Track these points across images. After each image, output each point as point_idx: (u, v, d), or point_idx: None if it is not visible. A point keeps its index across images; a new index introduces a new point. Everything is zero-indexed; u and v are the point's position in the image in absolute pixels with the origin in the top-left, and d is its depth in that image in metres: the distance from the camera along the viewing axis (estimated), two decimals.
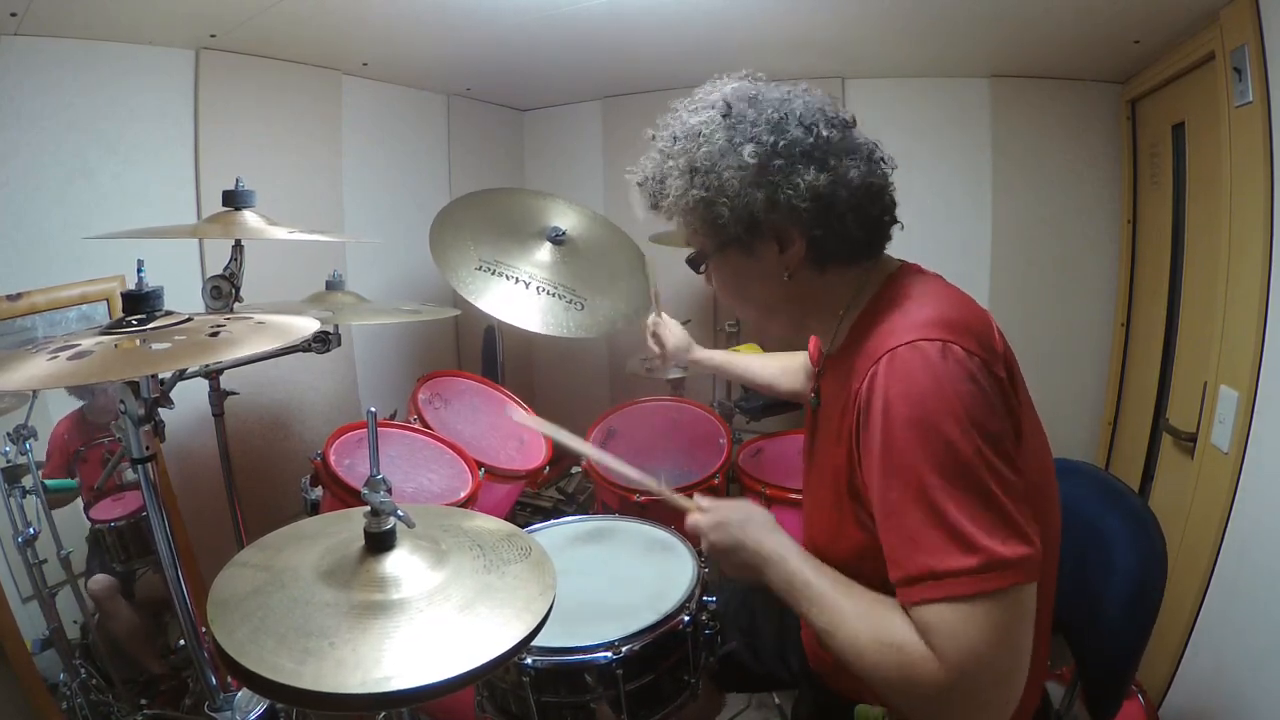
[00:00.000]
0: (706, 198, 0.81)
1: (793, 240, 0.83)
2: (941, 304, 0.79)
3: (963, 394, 0.69)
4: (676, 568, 1.18)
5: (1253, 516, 1.31)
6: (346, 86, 2.16)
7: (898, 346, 0.72)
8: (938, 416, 0.68)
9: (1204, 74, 1.59)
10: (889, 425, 0.71)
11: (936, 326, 0.73)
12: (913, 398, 0.70)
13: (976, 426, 0.68)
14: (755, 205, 0.79)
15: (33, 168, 1.49)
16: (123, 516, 1.61)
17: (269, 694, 0.67)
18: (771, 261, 0.85)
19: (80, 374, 0.74)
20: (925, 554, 0.68)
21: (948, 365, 0.70)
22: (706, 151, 0.81)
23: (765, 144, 0.79)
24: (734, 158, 0.79)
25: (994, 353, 0.74)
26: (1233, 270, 1.43)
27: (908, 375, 0.71)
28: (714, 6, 1.72)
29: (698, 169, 0.81)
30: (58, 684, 1.48)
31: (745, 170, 0.79)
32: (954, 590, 0.66)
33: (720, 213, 0.81)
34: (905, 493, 0.69)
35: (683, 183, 0.83)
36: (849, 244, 0.84)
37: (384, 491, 0.80)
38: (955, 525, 0.66)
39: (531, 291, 1.88)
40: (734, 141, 0.80)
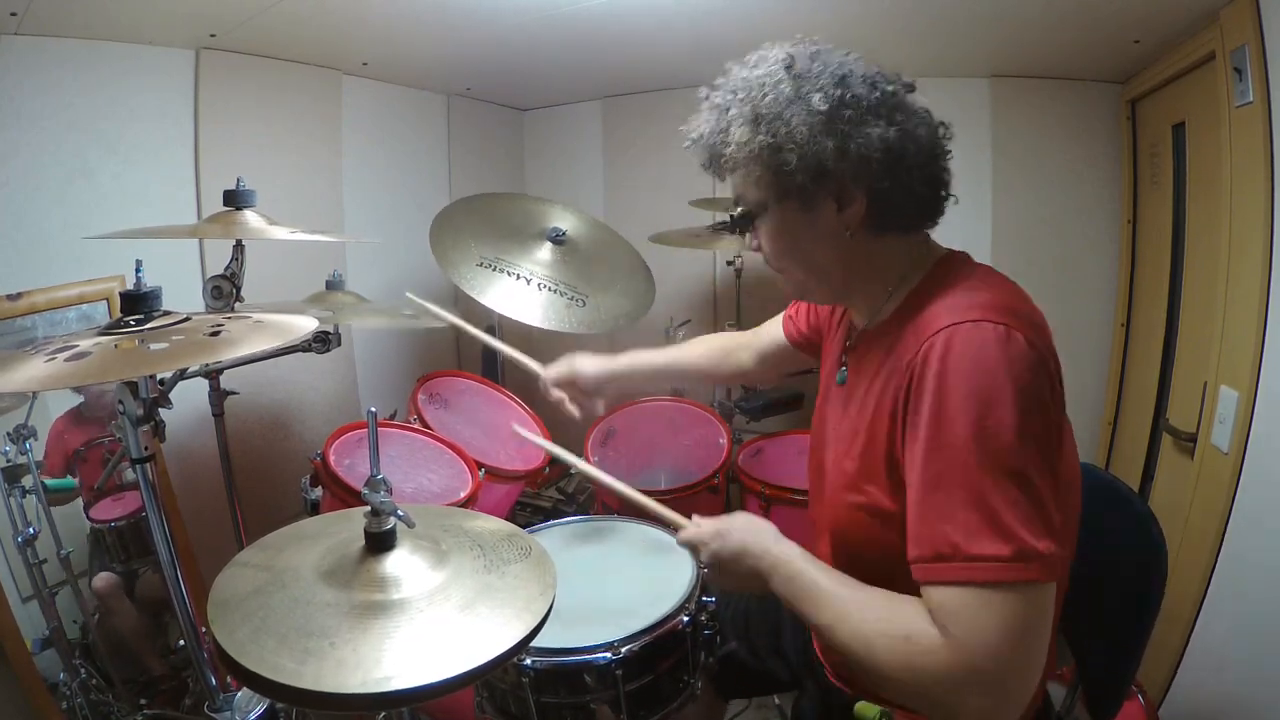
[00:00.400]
0: (774, 144, 0.78)
1: (853, 199, 0.80)
2: (1002, 291, 0.77)
3: (1022, 382, 0.68)
4: (676, 568, 1.18)
5: (1253, 516, 1.31)
6: (346, 86, 2.16)
7: (960, 323, 0.71)
8: (995, 399, 0.67)
9: (1204, 74, 1.59)
10: (943, 400, 0.69)
11: (1001, 310, 0.71)
12: (972, 376, 0.68)
13: (1029, 416, 0.67)
14: (825, 154, 0.77)
15: (33, 168, 1.49)
16: (123, 516, 1.61)
17: (269, 694, 0.67)
18: (829, 220, 0.82)
19: (79, 375, 0.74)
20: (957, 533, 0.66)
21: (1010, 351, 0.68)
22: (772, 99, 0.78)
23: (833, 95, 0.77)
24: (801, 106, 0.77)
25: (1050, 348, 0.73)
26: (1233, 270, 1.43)
27: (969, 353, 0.69)
28: (714, 6, 1.72)
29: (763, 116, 0.78)
30: (58, 684, 1.48)
31: (814, 118, 0.76)
32: (979, 575, 0.65)
33: (787, 159, 0.78)
34: (949, 469, 0.68)
35: (747, 131, 0.79)
36: (912, 204, 0.82)
37: (384, 491, 0.80)
38: (994, 510, 0.65)
39: (533, 288, 1.88)
40: (801, 91, 0.78)
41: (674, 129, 0.92)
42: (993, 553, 0.65)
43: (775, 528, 0.90)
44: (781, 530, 0.89)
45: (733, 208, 0.89)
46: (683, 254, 2.40)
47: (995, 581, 0.64)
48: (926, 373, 0.71)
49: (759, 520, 0.91)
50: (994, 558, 0.64)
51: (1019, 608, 0.64)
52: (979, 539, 0.65)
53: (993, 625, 0.64)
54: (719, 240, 2.15)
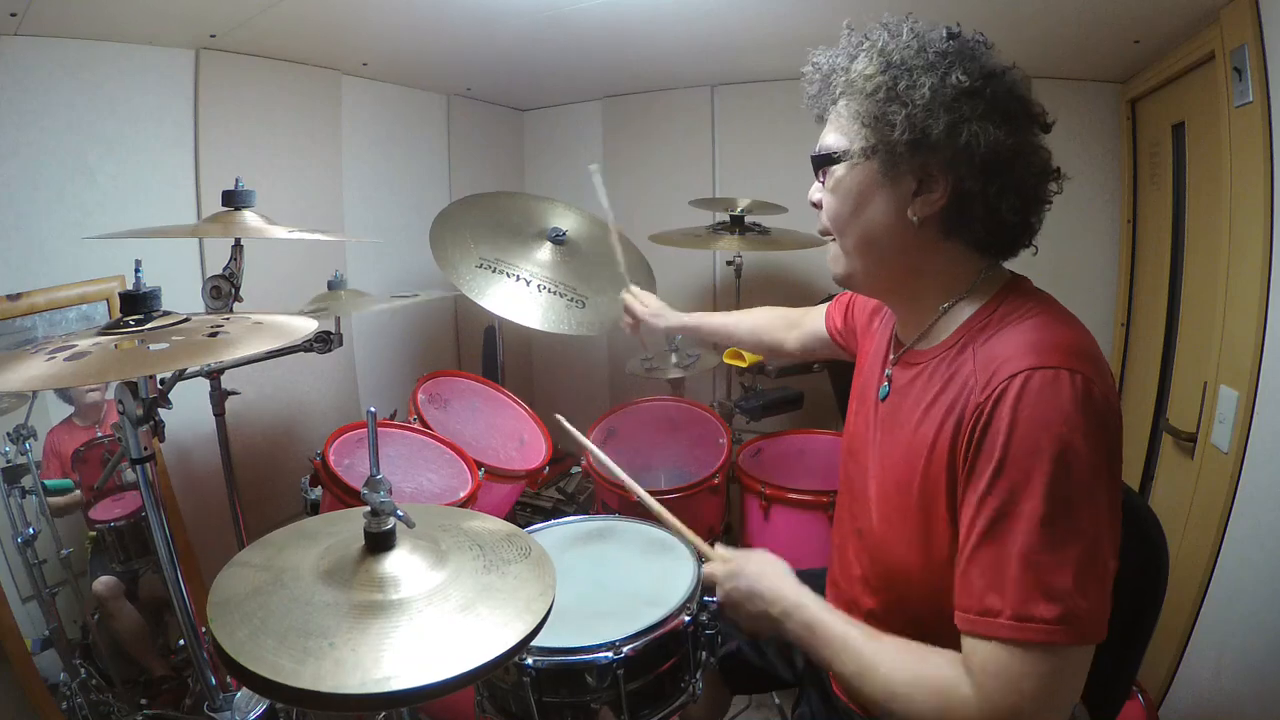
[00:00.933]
0: (891, 89, 0.74)
1: (935, 187, 0.77)
2: (1071, 330, 0.75)
3: (1095, 439, 0.66)
4: (676, 568, 1.18)
5: (1253, 516, 1.31)
6: (346, 86, 2.16)
7: (1036, 369, 0.68)
8: (1067, 461, 0.65)
9: (1204, 74, 1.59)
10: (1010, 449, 0.67)
11: (1074, 356, 0.69)
12: (1045, 428, 0.66)
13: (1098, 473, 0.66)
14: (934, 127, 0.73)
15: (33, 168, 1.49)
16: (123, 516, 1.61)
17: (269, 694, 0.67)
18: (904, 197, 0.78)
19: (79, 375, 0.74)
20: (1009, 590, 0.65)
21: (1086, 407, 0.66)
22: (914, 52, 0.75)
23: (974, 81, 0.74)
24: (937, 74, 0.74)
25: (1115, 394, 0.71)
26: (1233, 270, 1.43)
27: (1043, 404, 0.67)
28: (714, 6, 1.72)
29: (894, 63, 0.75)
30: (58, 684, 1.48)
31: (943, 90, 0.73)
32: (1025, 635, 0.64)
33: (894, 112, 0.74)
34: (1008, 521, 0.66)
35: (874, 67, 0.76)
36: (991, 223, 0.79)
37: (384, 491, 0.80)
38: (1049, 570, 0.64)
39: (533, 289, 1.88)
40: (946, 60, 0.74)
41: (674, 129, 0.92)
42: (1041, 614, 0.64)
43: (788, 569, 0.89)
44: (781, 532, 0.89)
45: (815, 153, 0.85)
46: (683, 254, 2.40)
47: (1039, 642, 0.64)
48: (997, 419, 0.68)
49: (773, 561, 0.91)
50: (1042, 619, 0.64)
51: (1057, 670, 0.64)
52: (1030, 599, 0.64)
53: (1029, 688, 0.64)
54: (719, 240, 2.15)
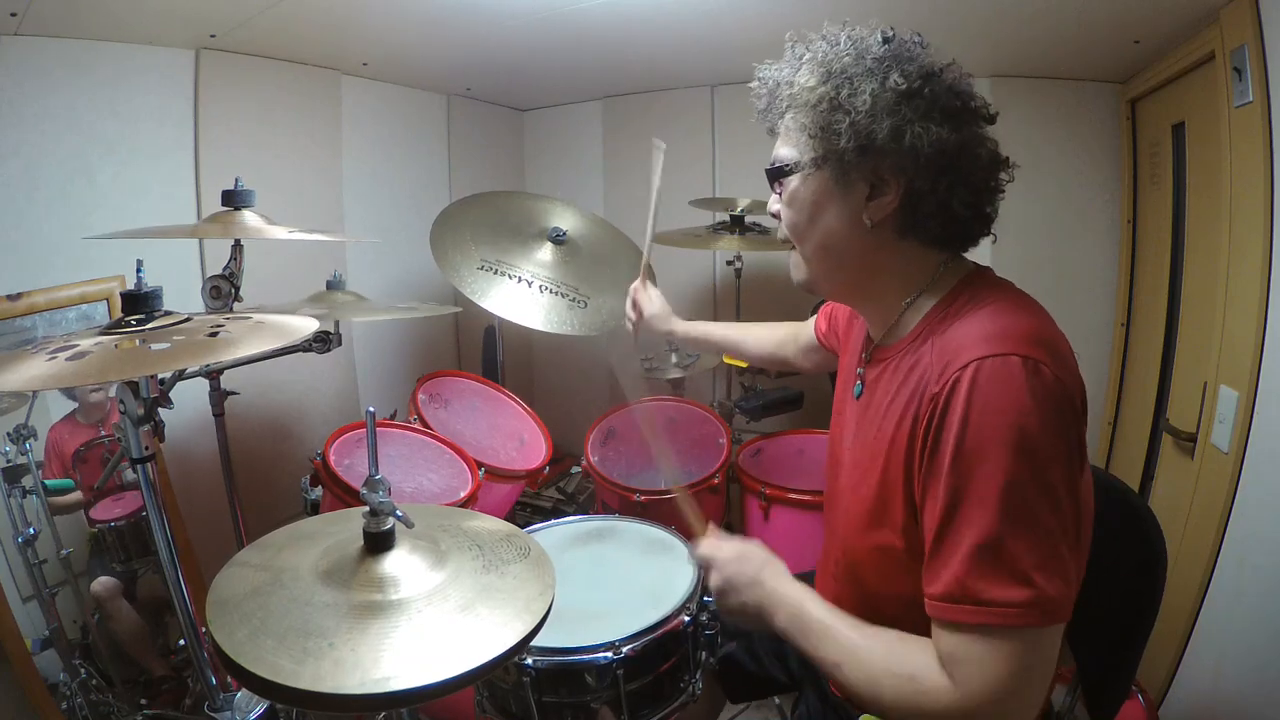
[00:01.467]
0: (834, 99, 0.76)
1: (887, 190, 0.78)
2: (1028, 315, 0.75)
3: (1048, 422, 0.66)
4: (676, 568, 1.18)
5: (1253, 516, 1.31)
6: (346, 86, 2.16)
7: (988, 357, 0.69)
8: (1019, 440, 0.66)
9: (1204, 74, 1.59)
10: (965, 437, 0.68)
11: (1027, 341, 0.70)
12: (997, 414, 0.67)
13: (1054, 456, 0.66)
14: (879, 131, 0.75)
15: (33, 168, 1.49)
16: (123, 516, 1.61)
17: (268, 694, 0.67)
18: (857, 203, 0.80)
19: (79, 374, 0.74)
20: (972, 575, 0.66)
21: (1038, 388, 0.67)
22: (851, 60, 0.78)
23: (913, 83, 0.76)
24: (876, 79, 0.76)
25: (1076, 378, 0.71)
26: (1233, 270, 1.43)
27: (995, 390, 0.67)
28: (714, 6, 1.72)
29: (834, 73, 0.77)
30: (58, 684, 1.48)
31: (883, 94, 0.75)
32: (992, 619, 0.65)
33: (838, 121, 0.76)
34: (967, 508, 0.67)
35: (815, 79, 0.78)
36: (944, 219, 0.80)
37: (383, 491, 0.80)
38: (1010, 554, 0.65)
39: (534, 290, 1.88)
40: (884, 65, 0.77)
41: (674, 129, 0.92)
42: (1006, 598, 0.65)
43: (782, 564, 0.89)
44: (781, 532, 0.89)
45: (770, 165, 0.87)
46: (683, 254, 2.40)
47: (1006, 626, 0.65)
48: (951, 409, 0.69)
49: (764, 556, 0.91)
50: (1006, 603, 0.65)
51: (1025, 653, 0.65)
52: (994, 583, 0.65)
53: (998, 671, 0.65)
54: (719, 240, 2.15)
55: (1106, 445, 2.18)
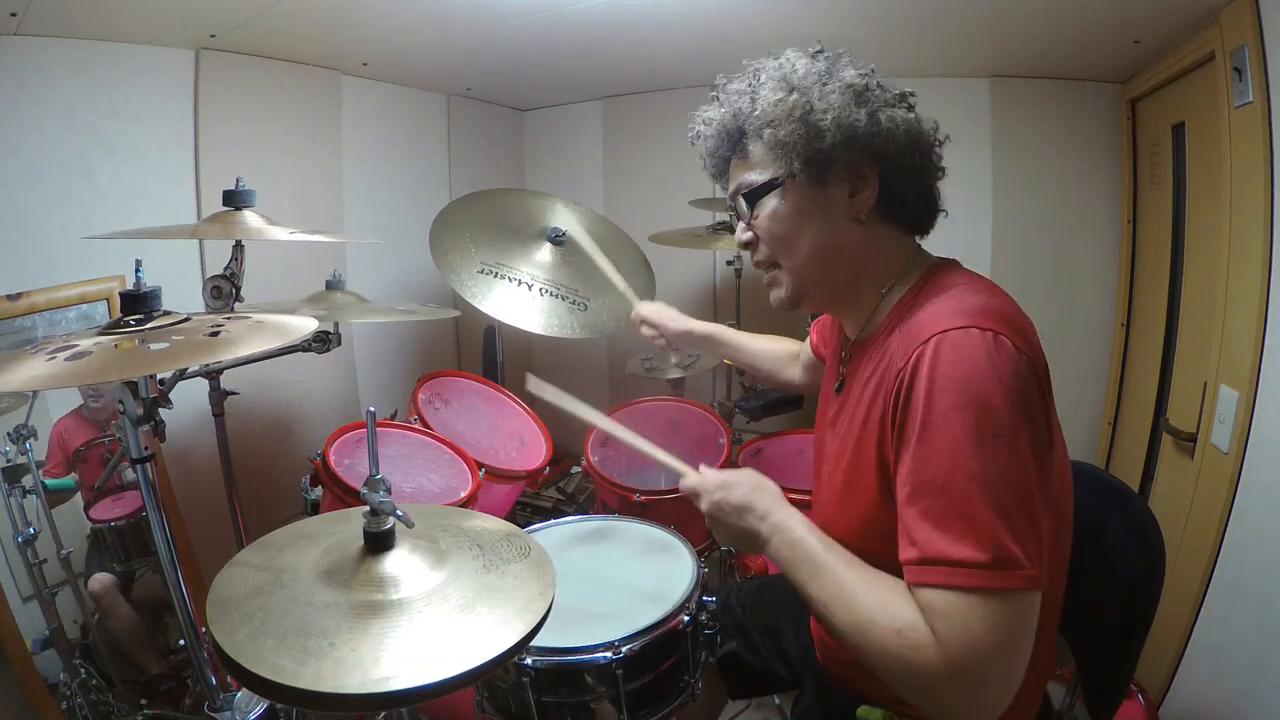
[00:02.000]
0: (808, 103, 0.79)
1: (867, 183, 0.82)
2: (991, 296, 0.78)
3: (1011, 390, 0.68)
4: (676, 568, 1.18)
5: (1253, 516, 1.31)
6: (346, 86, 2.16)
7: (949, 329, 0.71)
8: (984, 407, 0.67)
9: (1204, 74, 1.59)
10: (932, 406, 0.69)
11: (988, 316, 0.72)
12: (961, 384, 0.69)
13: (1017, 422, 0.68)
14: (858, 120, 0.79)
15: (33, 168, 1.49)
16: (123, 516, 1.61)
17: (269, 694, 0.67)
18: (840, 203, 0.83)
19: (79, 374, 0.74)
20: (942, 539, 0.67)
21: (998, 356, 0.69)
22: (805, 72, 0.81)
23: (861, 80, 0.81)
24: (835, 79, 0.81)
25: (1038, 353, 0.74)
26: (1233, 270, 1.43)
27: (957, 360, 0.70)
28: (714, 6, 1.72)
29: (796, 84, 0.81)
30: (58, 684, 1.48)
31: (849, 89, 0.80)
32: (963, 581, 0.66)
33: (821, 119, 0.79)
34: (934, 475, 0.69)
35: (780, 92, 0.81)
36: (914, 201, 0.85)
37: (383, 491, 0.80)
38: (978, 517, 0.66)
39: (535, 293, 1.88)
40: (833, 68, 0.82)
41: (674, 129, 0.92)
42: (976, 559, 0.65)
43: (780, 491, 0.90)
44: None
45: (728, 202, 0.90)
46: (683, 254, 2.40)
47: (979, 588, 0.65)
48: (916, 381, 0.71)
49: (767, 481, 0.91)
50: (975, 564, 0.65)
51: (1003, 615, 0.65)
52: (962, 544, 0.66)
53: (979, 629, 0.65)
54: (719, 240, 2.15)
55: (1106, 445, 2.18)
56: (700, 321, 1.47)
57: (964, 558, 0.66)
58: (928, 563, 0.68)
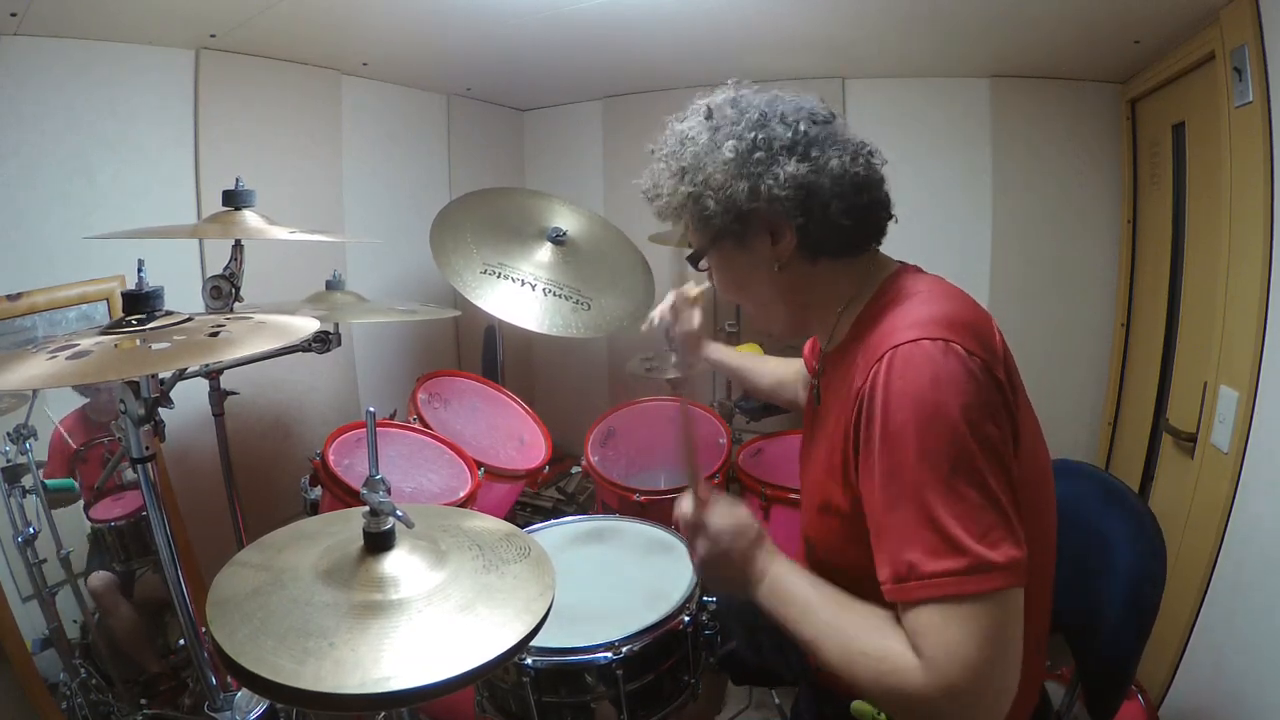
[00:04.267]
0: (694, 193, 0.85)
1: (784, 232, 0.85)
2: (944, 303, 0.79)
3: (964, 395, 0.69)
4: (676, 568, 1.18)
5: (1253, 516, 1.31)
6: (346, 86, 2.16)
7: (900, 344, 0.73)
8: (936, 415, 0.68)
9: (1204, 74, 1.59)
10: (887, 422, 0.71)
11: (938, 325, 0.73)
12: (913, 396, 0.70)
13: (974, 427, 0.68)
14: (739, 195, 0.82)
15: (33, 168, 1.49)
16: (123, 516, 1.61)
17: (269, 694, 0.67)
18: (764, 253, 0.87)
19: (80, 374, 0.74)
20: (912, 553, 0.68)
21: (949, 364, 0.70)
22: (693, 152, 0.86)
23: (746, 139, 0.83)
24: (717, 154, 0.84)
25: (994, 354, 0.74)
26: (1233, 270, 1.43)
27: (909, 373, 0.71)
28: (714, 6, 1.72)
29: (686, 169, 0.86)
30: (58, 684, 1.48)
31: (728, 164, 0.83)
32: (938, 591, 0.66)
33: (707, 205, 0.84)
34: (899, 491, 0.69)
35: (674, 182, 0.87)
36: (837, 235, 0.86)
37: (383, 491, 0.80)
38: (944, 526, 0.66)
39: (537, 293, 1.88)
40: (716, 140, 0.85)
41: None
42: (947, 568, 0.66)
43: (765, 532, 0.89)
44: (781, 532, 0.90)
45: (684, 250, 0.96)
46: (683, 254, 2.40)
47: (955, 596, 0.65)
48: (873, 401, 0.73)
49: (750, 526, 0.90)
50: (949, 572, 0.66)
51: (983, 618, 0.65)
52: (933, 557, 0.66)
53: (959, 638, 0.65)
54: None
55: (1106, 445, 2.18)
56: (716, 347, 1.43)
57: (934, 569, 0.66)
58: (902, 579, 0.68)
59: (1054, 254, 2.19)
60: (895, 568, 0.69)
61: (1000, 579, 0.65)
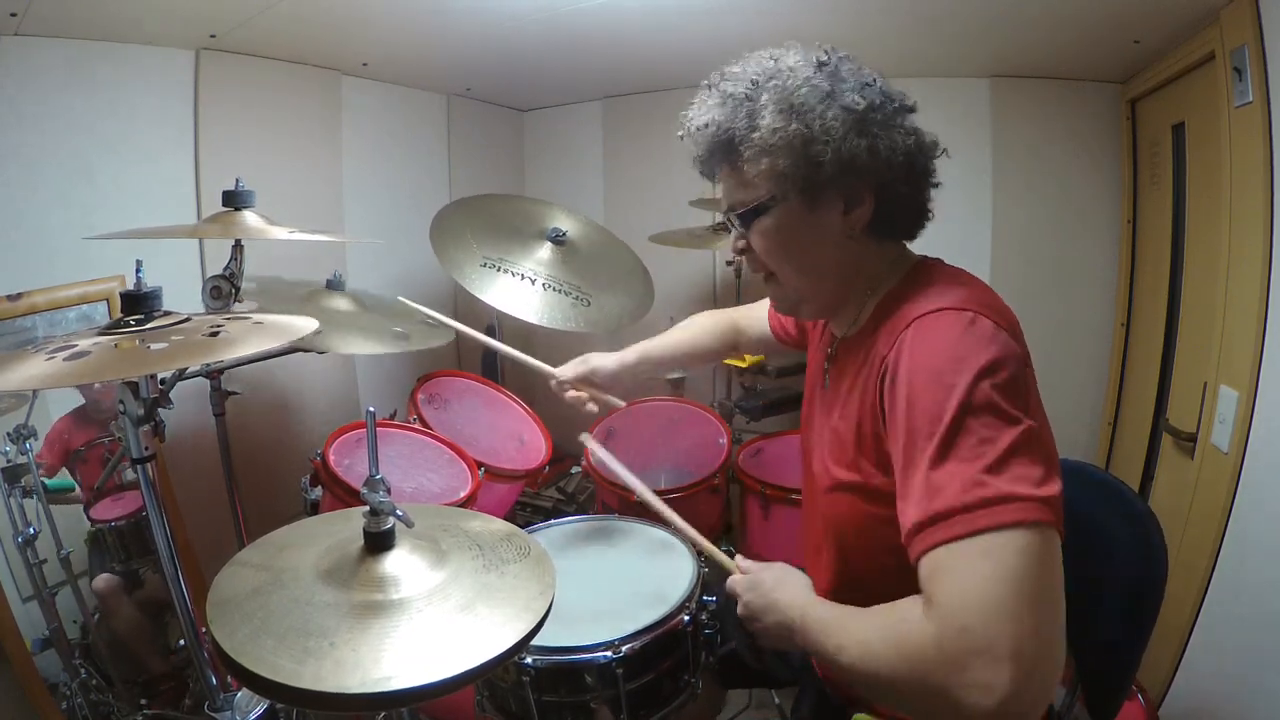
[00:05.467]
0: (809, 134, 0.77)
1: (862, 200, 0.82)
2: (972, 287, 0.80)
3: (988, 352, 0.69)
4: (676, 568, 1.18)
5: (1253, 516, 1.31)
6: (346, 86, 2.16)
7: (926, 314, 0.74)
8: (959, 366, 0.68)
9: (1204, 74, 1.59)
10: (913, 380, 0.71)
11: (967, 300, 0.74)
12: (942, 355, 0.70)
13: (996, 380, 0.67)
14: (858, 151, 0.78)
15: (33, 168, 1.49)
16: (123, 516, 1.61)
17: (269, 694, 0.67)
18: (833, 220, 0.83)
19: (79, 374, 0.74)
20: (946, 500, 0.64)
21: (978, 329, 0.71)
22: (807, 92, 0.78)
23: (866, 97, 0.79)
24: (837, 103, 0.78)
25: (1017, 334, 0.75)
26: (1233, 270, 1.43)
27: (934, 334, 0.72)
28: (714, 6, 1.72)
29: (797, 107, 0.78)
30: (58, 684, 1.48)
31: (850, 116, 0.78)
32: (949, 532, 0.62)
33: (821, 152, 0.77)
34: (925, 445, 0.67)
35: (781, 119, 0.78)
36: (913, 211, 0.86)
37: (383, 491, 0.80)
38: (967, 469, 0.64)
39: (538, 288, 1.88)
40: (837, 89, 0.79)
41: (674, 129, 0.92)
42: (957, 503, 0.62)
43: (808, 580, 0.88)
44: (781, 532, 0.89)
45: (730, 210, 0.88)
46: (683, 254, 2.40)
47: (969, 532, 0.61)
48: (900, 366, 0.73)
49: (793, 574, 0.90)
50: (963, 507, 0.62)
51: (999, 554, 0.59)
52: (947, 497, 0.63)
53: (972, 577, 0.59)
54: (719, 240, 2.15)
55: (1106, 445, 2.18)
56: (628, 349, 1.34)
57: (947, 506, 0.63)
58: (921, 528, 0.65)
59: (1054, 254, 2.19)
60: (917, 518, 0.65)
61: (1021, 510, 0.60)
